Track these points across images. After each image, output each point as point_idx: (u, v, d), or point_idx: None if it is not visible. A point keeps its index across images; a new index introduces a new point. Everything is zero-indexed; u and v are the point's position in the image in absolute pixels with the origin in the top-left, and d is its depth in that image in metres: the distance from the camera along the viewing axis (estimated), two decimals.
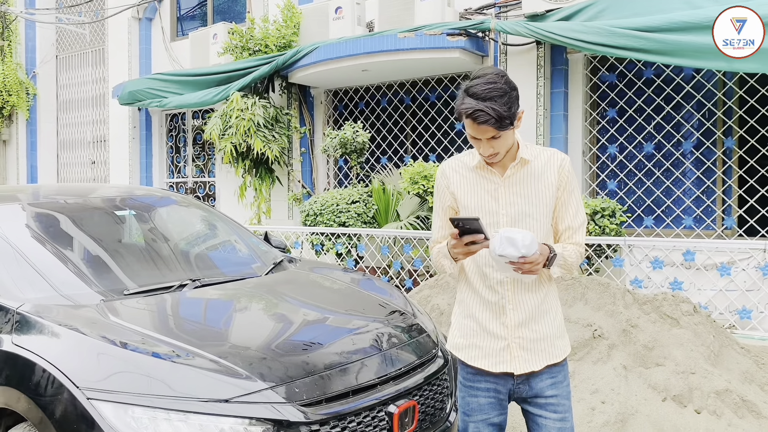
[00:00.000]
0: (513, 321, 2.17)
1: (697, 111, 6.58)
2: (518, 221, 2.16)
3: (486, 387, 2.23)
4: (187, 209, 4.37)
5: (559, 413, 2.20)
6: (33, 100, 13.10)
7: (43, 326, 2.57)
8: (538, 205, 2.17)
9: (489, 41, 7.23)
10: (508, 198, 2.18)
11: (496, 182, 2.19)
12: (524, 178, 2.19)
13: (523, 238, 1.97)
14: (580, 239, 2.25)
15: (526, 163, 2.19)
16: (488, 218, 2.17)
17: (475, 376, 2.24)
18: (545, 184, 2.19)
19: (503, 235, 1.97)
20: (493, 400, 2.23)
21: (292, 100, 9.13)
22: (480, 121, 2.00)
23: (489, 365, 2.19)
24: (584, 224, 2.27)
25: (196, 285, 3.22)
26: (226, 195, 10.04)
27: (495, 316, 2.19)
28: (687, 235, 6.43)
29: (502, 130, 2.02)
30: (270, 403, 2.27)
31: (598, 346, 4.18)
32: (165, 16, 11.13)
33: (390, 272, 7.03)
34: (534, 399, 2.21)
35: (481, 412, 2.24)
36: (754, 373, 4.15)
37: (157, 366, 2.35)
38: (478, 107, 1.98)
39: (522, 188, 2.18)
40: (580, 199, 2.26)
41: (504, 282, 2.18)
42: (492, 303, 2.19)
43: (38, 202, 3.75)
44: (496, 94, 1.98)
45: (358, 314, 3.27)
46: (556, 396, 2.20)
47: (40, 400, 2.30)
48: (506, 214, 2.17)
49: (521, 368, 2.17)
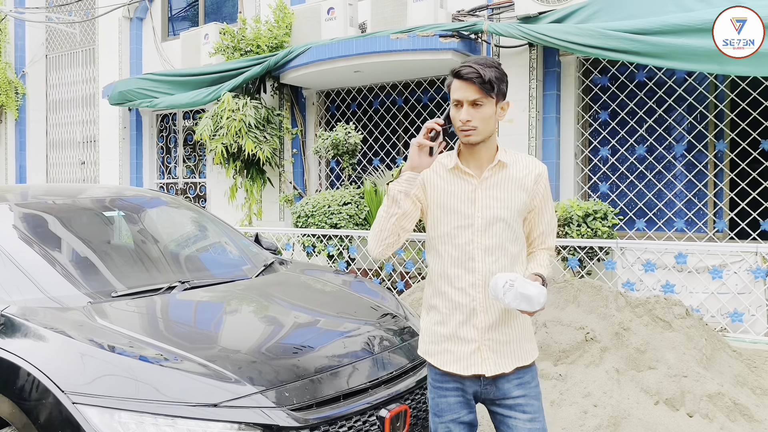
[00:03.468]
0: (484, 323, 2.18)
1: (688, 114, 6.59)
2: (492, 225, 2.18)
3: (454, 386, 2.24)
4: (177, 210, 4.33)
5: (528, 413, 2.20)
6: (22, 100, 13.00)
7: (28, 329, 2.52)
8: (511, 210, 2.20)
9: (481, 43, 7.22)
10: (484, 201, 2.19)
11: (473, 184, 2.20)
12: (501, 182, 2.21)
13: (539, 295, 2.00)
14: (551, 243, 2.35)
15: (503, 167, 2.21)
16: (462, 220, 2.19)
17: (443, 376, 2.25)
18: (521, 190, 2.22)
19: (519, 291, 1.99)
20: (461, 399, 2.24)
21: (284, 100, 9.09)
22: (465, 76, 2.08)
23: (460, 369, 2.20)
24: (555, 227, 2.36)
25: (186, 287, 3.18)
26: (217, 196, 9.99)
27: (466, 318, 2.20)
28: (679, 238, 6.44)
29: (484, 95, 2.08)
30: (260, 407, 2.23)
31: (590, 350, 4.17)
32: (156, 15, 11.07)
33: (382, 274, 7.00)
34: (502, 400, 2.22)
35: (451, 411, 2.25)
36: (746, 376, 4.15)
37: (144, 370, 2.31)
38: (467, 64, 2.10)
39: (498, 191, 2.20)
40: (553, 206, 2.32)
41: (476, 284, 2.19)
42: (463, 305, 2.20)
43: (26, 202, 3.70)
44: (487, 63, 2.11)
45: (350, 317, 3.25)
46: (524, 396, 2.21)
47: (25, 405, 2.25)
48: (481, 216, 2.18)
49: (491, 370, 2.18)
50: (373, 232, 2.23)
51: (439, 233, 2.24)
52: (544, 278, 2.16)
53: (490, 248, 2.18)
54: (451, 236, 2.20)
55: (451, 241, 2.21)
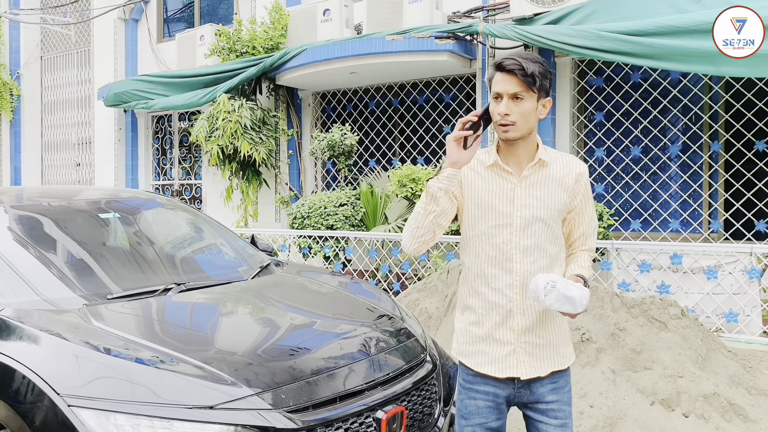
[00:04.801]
0: (520, 325, 2.14)
1: (683, 115, 6.61)
2: (531, 224, 2.13)
3: (485, 390, 2.19)
4: (172, 212, 4.32)
5: (559, 419, 2.17)
6: (17, 102, 12.96)
7: (23, 331, 2.51)
8: (551, 210, 2.14)
9: (477, 44, 7.23)
10: (523, 200, 2.13)
11: (512, 182, 2.14)
12: (541, 181, 2.15)
13: (581, 297, 1.96)
14: (592, 244, 2.28)
15: (544, 165, 2.16)
16: (501, 219, 2.14)
17: (476, 378, 2.21)
18: (561, 189, 2.16)
19: (561, 292, 1.96)
20: (492, 404, 2.20)
21: (280, 102, 9.08)
22: (507, 68, 2.04)
23: (495, 371, 2.16)
24: (596, 229, 2.30)
25: (181, 289, 3.18)
26: (213, 197, 9.97)
27: (502, 319, 2.15)
28: (674, 239, 6.45)
29: (526, 88, 2.04)
30: (256, 409, 2.22)
31: (586, 350, 4.18)
32: (151, 17, 11.05)
33: (378, 275, 7.00)
34: (535, 404, 2.19)
35: (479, 415, 2.21)
36: (741, 376, 4.16)
37: (140, 372, 2.30)
38: (510, 57, 2.06)
39: (538, 191, 2.15)
40: (593, 207, 2.26)
41: (513, 285, 2.14)
42: (500, 306, 2.15)
43: (21, 204, 3.68)
44: (531, 58, 2.07)
45: (346, 318, 3.24)
46: (557, 401, 2.18)
47: (20, 407, 2.24)
48: (520, 216, 2.13)
49: (527, 373, 2.14)
50: (408, 228, 2.17)
51: (476, 232, 2.18)
52: (585, 280, 2.11)
53: (528, 248, 2.12)
54: (489, 235, 2.15)
55: (488, 240, 2.15)
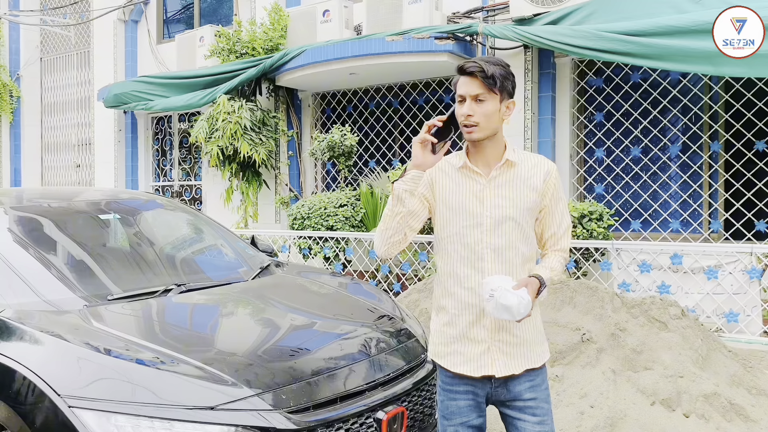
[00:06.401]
0: (493, 323, 2.16)
1: (683, 115, 6.61)
2: (501, 224, 2.15)
3: (465, 390, 2.22)
4: (172, 213, 4.32)
5: (537, 416, 2.19)
6: (17, 103, 12.96)
7: (24, 333, 2.52)
8: (520, 209, 2.17)
9: (477, 45, 7.23)
10: (493, 200, 2.16)
11: (481, 183, 2.18)
12: (509, 181, 2.18)
13: (518, 305, 1.97)
14: (564, 245, 2.29)
15: (511, 165, 2.19)
16: (471, 220, 2.17)
17: (453, 379, 2.23)
18: (530, 188, 2.18)
19: (499, 302, 1.98)
20: (472, 402, 2.22)
21: (280, 103, 9.08)
22: (468, 70, 2.09)
23: (470, 370, 2.18)
24: (569, 229, 2.30)
25: (182, 290, 3.18)
26: (213, 198, 9.97)
27: (476, 318, 2.17)
28: (674, 239, 6.45)
29: (487, 89, 2.08)
30: (256, 410, 2.23)
31: (586, 350, 4.18)
32: (151, 18, 11.05)
33: (378, 276, 7.00)
34: (512, 402, 2.21)
35: (460, 415, 2.23)
36: (741, 376, 4.16)
37: (141, 373, 2.30)
38: (471, 60, 2.12)
39: (507, 190, 2.17)
40: (565, 206, 2.27)
41: None
42: (472, 305, 2.17)
43: (21, 205, 3.68)
44: (493, 61, 2.12)
45: (346, 319, 3.24)
46: (534, 399, 2.20)
47: (21, 409, 2.25)
48: (490, 216, 2.16)
49: (501, 371, 2.16)
50: (378, 230, 2.21)
51: (447, 233, 2.21)
52: (542, 281, 2.13)
53: (499, 248, 2.15)
54: (460, 236, 2.18)
55: (460, 240, 2.18)
